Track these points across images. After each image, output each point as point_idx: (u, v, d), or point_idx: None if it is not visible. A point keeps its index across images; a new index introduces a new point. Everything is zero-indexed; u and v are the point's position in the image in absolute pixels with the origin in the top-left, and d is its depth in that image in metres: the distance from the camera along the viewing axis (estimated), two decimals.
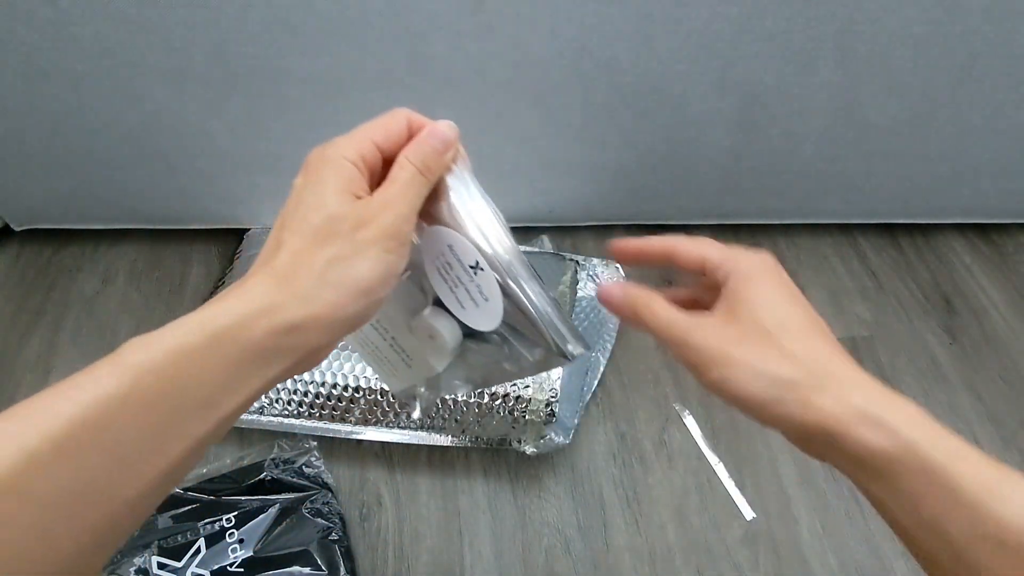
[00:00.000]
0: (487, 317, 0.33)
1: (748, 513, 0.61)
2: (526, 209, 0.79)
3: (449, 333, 0.35)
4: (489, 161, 0.71)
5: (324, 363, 0.62)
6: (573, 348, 0.33)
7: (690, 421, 0.67)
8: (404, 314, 0.36)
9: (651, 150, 0.72)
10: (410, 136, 0.33)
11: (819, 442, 0.29)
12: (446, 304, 0.34)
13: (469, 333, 0.35)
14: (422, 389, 0.40)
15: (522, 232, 0.81)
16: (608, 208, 0.80)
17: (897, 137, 0.72)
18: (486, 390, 0.60)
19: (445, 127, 0.33)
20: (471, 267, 0.32)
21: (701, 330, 0.31)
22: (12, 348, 0.71)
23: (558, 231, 0.82)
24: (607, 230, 0.82)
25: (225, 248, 0.81)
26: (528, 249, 0.76)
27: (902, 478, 0.27)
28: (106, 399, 0.23)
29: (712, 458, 0.64)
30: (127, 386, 0.24)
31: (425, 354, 0.36)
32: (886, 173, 0.77)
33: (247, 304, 0.26)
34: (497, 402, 0.60)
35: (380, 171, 0.32)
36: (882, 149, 0.74)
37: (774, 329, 0.30)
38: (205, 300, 0.71)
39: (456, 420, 0.61)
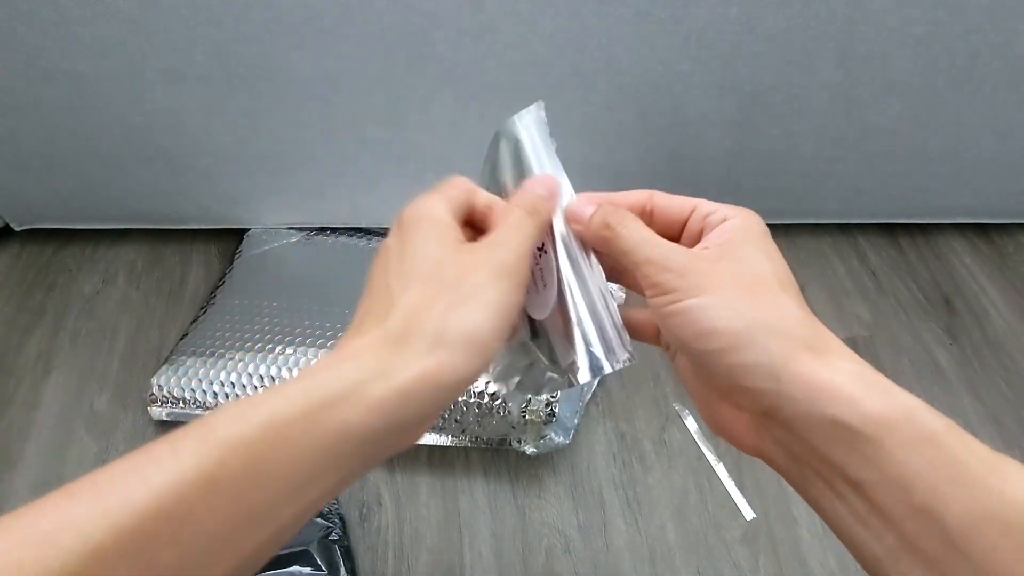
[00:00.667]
0: (542, 305, 0.32)
1: (748, 513, 0.61)
2: None
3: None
4: None
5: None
6: (585, 369, 0.30)
7: (690, 421, 0.67)
8: None
9: (651, 150, 0.72)
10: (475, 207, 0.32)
11: (785, 408, 0.25)
12: None
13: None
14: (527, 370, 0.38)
15: None
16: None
17: (897, 137, 0.72)
18: (486, 390, 0.60)
19: (546, 177, 0.33)
20: (538, 248, 0.32)
21: (684, 255, 0.29)
22: (12, 348, 0.71)
23: None
24: None
25: (225, 248, 0.81)
26: None
27: (898, 451, 0.23)
28: (185, 485, 0.20)
29: (712, 458, 0.64)
30: (211, 468, 0.21)
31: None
32: (886, 173, 0.77)
33: (358, 370, 0.24)
34: (497, 402, 0.60)
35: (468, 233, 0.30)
36: (882, 149, 0.74)
37: (766, 276, 0.28)
38: (205, 300, 0.72)
39: (456, 420, 0.61)
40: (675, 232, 0.32)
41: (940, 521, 0.22)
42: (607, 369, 0.30)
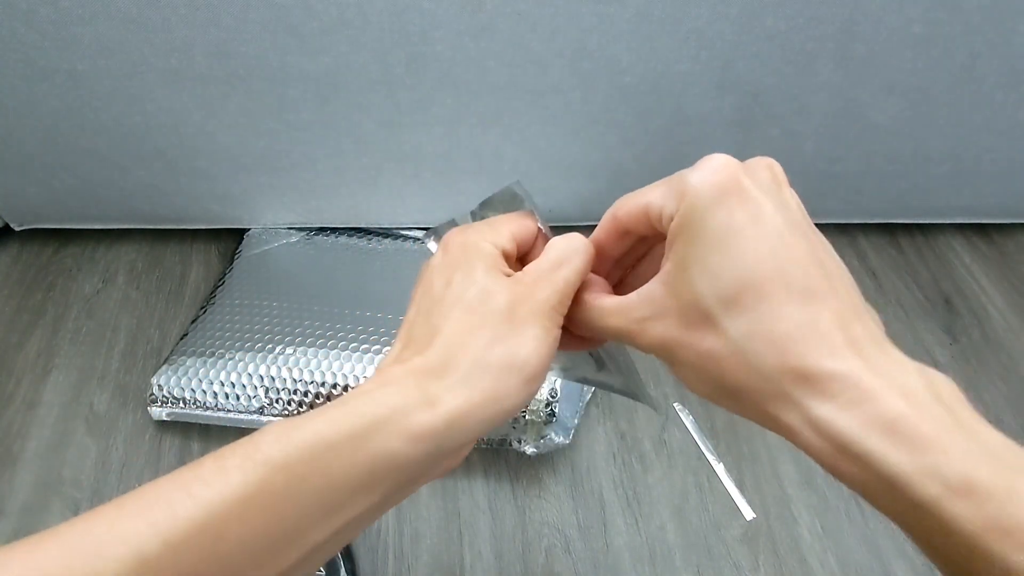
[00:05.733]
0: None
1: (748, 513, 0.61)
2: None
3: None
4: (489, 161, 0.71)
5: (324, 363, 0.62)
6: None
7: (690, 421, 0.67)
8: None
9: (651, 150, 0.72)
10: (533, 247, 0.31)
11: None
12: None
13: None
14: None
15: None
16: (608, 208, 0.80)
17: (897, 137, 0.72)
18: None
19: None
20: None
21: (625, 314, 0.27)
22: (12, 348, 0.71)
23: (558, 231, 0.82)
24: None
25: (225, 248, 0.81)
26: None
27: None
28: (231, 500, 0.21)
29: (712, 458, 0.64)
30: (255, 485, 0.21)
31: None
32: (886, 173, 0.77)
33: (402, 396, 0.24)
34: None
35: (516, 266, 0.30)
36: (882, 149, 0.74)
37: (716, 307, 0.24)
38: (205, 300, 0.72)
39: None
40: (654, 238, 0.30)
41: None
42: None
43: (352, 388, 0.61)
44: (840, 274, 0.24)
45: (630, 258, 0.33)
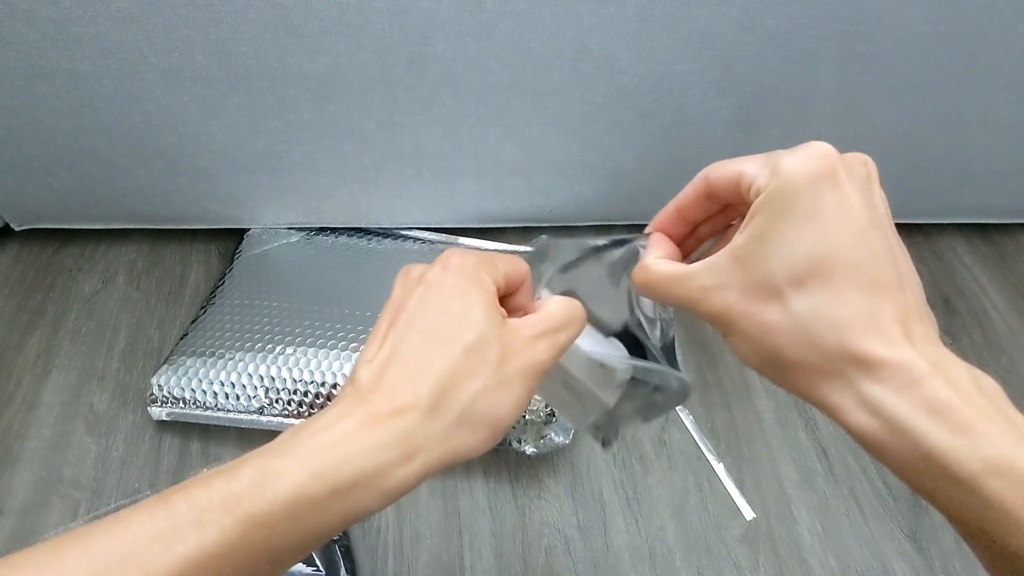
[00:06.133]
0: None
1: (748, 513, 0.61)
2: (526, 209, 0.79)
3: (616, 363, 0.34)
4: (489, 161, 0.71)
5: (324, 363, 0.62)
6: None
7: (690, 421, 0.67)
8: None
9: (651, 150, 0.72)
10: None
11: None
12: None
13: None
14: (599, 423, 0.40)
15: (521, 232, 0.81)
16: (607, 208, 0.80)
17: (897, 137, 0.72)
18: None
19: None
20: None
21: (689, 282, 0.27)
22: (12, 348, 0.71)
23: (558, 231, 0.82)
24: (607, 230, 0.82)
25: (225, 248, 0.81)
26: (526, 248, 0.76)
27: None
28: (206, 559, 0.21)
29: (712, 458, 0.64)
30: (233, 542, 0.21)
31: (595, 388, 0.36)
32: (886, 173, 0.76)
33: (386, 450, 0.24)
34: None
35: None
36: (882, 149, 0.73)
37: (786, 281, 0.25)
38: (205, 300, 0.72)
39: None
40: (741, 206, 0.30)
41: None
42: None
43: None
44: (910, 276, 0.26)
45: (705, 230, 0.33)
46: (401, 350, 0.26)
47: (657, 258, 0.30)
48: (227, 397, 0.62)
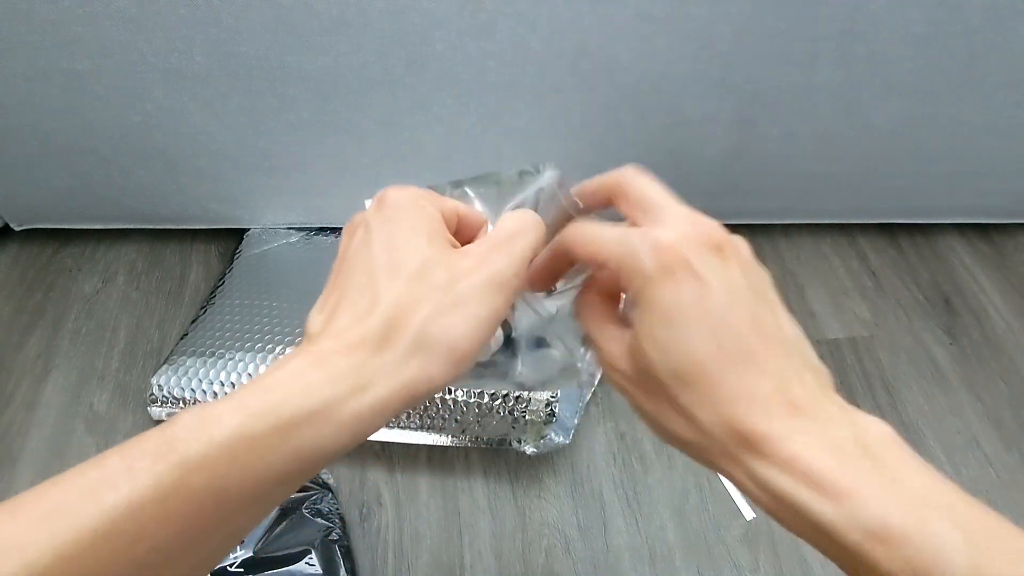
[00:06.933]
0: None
1: (748, 513, 0.61)
2: None
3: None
4: (489, 161, 0.71)
5: None
6: None
7: None
8: None
9: (651, 150, 0.72)
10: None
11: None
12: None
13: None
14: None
15: None
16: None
17: (897, 137, 0.72)
18: (486, 390, 0.60)
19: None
20: None
21: (598, 348, 0.28)
22: (12, 348, 0.71)
23: None
24: None
25: (225, 248, 0.81)
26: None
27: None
28: (139, 504, 0.20)
29: None
30: (168, 487, 0.20)
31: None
32: (886, 173, 0.77)
33: (332, 385, 0.23)
34: (497, 402, 0.60)
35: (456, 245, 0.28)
36: (882, 149, 0.74)
37: (666, 378, 0.25)
38: (205, 300, 0.72)
39: (456, 420, 0.61)
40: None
41: None
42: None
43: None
44: (781, 337, 0.25)
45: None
46: (348, 294, 0.26)
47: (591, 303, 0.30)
48: None
